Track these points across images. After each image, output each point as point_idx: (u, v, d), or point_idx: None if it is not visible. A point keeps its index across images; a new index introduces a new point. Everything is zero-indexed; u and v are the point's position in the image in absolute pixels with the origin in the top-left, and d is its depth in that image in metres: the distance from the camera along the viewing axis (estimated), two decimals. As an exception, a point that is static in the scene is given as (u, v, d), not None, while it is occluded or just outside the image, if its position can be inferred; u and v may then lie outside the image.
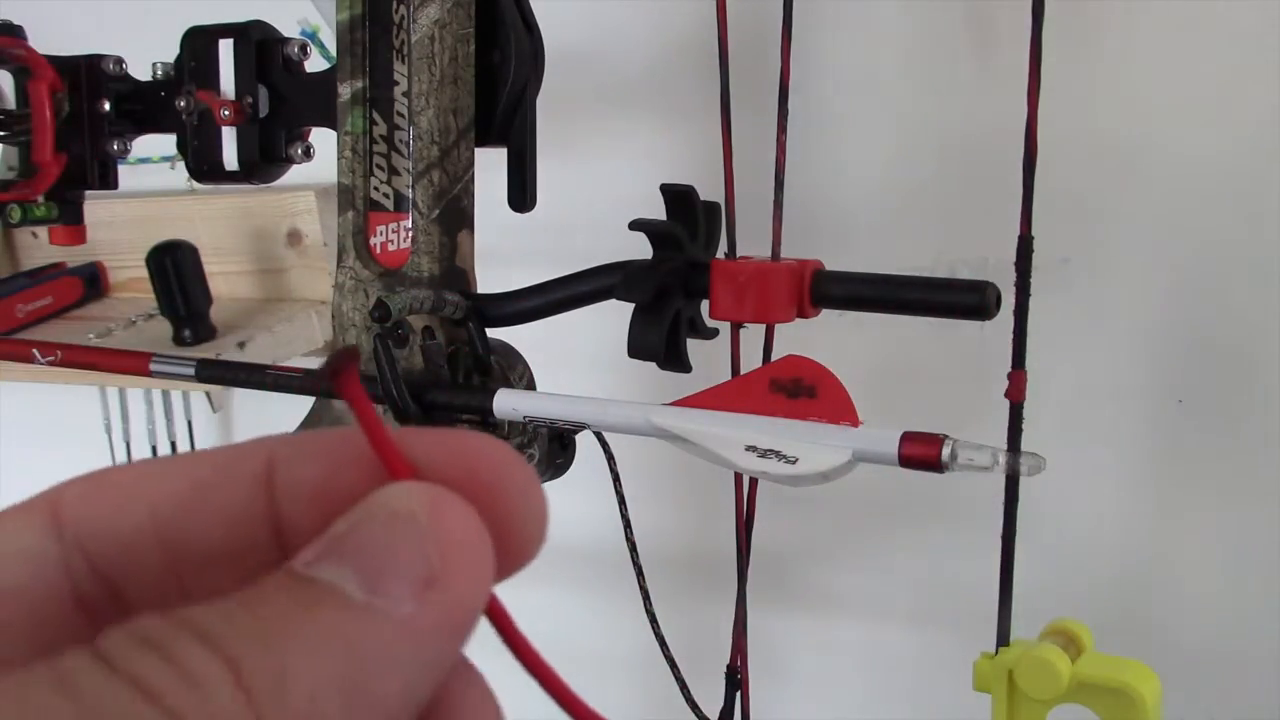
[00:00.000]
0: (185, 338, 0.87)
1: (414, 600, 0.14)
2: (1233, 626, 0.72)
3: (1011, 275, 0.46)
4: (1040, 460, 0.37)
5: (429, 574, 0.14)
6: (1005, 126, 0.48)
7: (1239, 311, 0.69)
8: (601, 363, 0.61)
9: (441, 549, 0.14)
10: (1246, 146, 0.67)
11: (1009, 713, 0.46)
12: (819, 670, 0.87)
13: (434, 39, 0.51)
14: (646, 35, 0.83)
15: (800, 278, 0.44)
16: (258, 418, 1.11)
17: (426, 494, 0.15)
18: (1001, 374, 0.45)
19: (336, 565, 0.14)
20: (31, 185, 0.65)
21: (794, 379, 0.39)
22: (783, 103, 0.50)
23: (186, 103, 0.60)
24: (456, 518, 0.15)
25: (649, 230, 0.45)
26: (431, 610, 0.14)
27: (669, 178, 0.47)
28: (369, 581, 0.14)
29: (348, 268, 0.53)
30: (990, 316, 0.41)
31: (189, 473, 0.16)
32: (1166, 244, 0.70)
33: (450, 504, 0.15)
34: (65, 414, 1.16)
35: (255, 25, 0.59)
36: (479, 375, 0.51)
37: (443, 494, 0.15)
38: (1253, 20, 0.66)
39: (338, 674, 0.13)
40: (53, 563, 0.15)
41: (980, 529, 0.49)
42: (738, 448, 0.39)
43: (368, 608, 0.14)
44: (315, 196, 0.93)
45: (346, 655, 0.13)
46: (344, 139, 0.52)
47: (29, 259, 1.09)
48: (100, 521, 0.16)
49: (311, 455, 0.16)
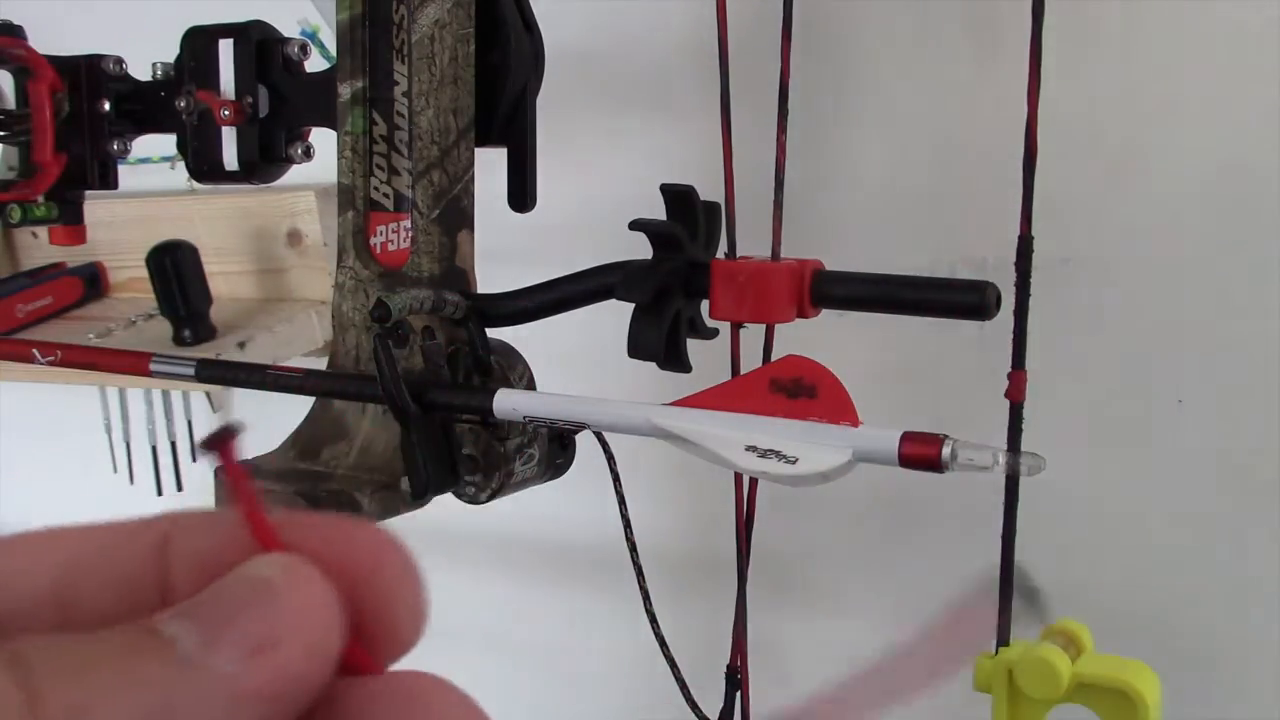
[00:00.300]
0: (185, 338, 0.87)
1: (241, 662, 0.14)
2: (1233, 626, 0.72)
3: (1011, 275, 0.46)
4: (1040, 460, 0.37)
5: (262, 639, 0.14)
6: (1005, 126, 0.48)
7: (1239, 311, 0.69)
8: (601, 363, 0.61)
9: (282, 616, 0.15)
10: (1246, 146, 0.67)
11: (1009, 713, 0.46)
12: (819, 670, 0.87)
13: (434, 39, 0.51)
14: (646, 35, 0.83)
15: (800, 278, 0.44)
16: (258, 418, 1.10)
17: (282, 563, 0.15)
18: (1001, 374, 0.45)
19: (183, 621, 0.15)
20: (31, 185, 0.65)
21: (794, 379, 0.39)
22: (783, 103, 0.50)
23: (186, 103, 0.60)
24: (306, 587, 0.15)
25: (649, 230, 0.45)
26: (256, 674, 0.14)
27: (669, 178, 0.47)
28: (206, 639, 0.14)
29: (348, 268, 0.53)
30: (990, 316, 0.42)
31: (93, 538, 0.17)
32: (1166, 244, 0.70)
33: (303, 574, 0.15)
34: (65, 414, 1.16)
35: (255, 25, 0.59)
36: (479, 375, 0.51)
37: (299, 565, 0.15)
38: (1252, 20, 0.66)
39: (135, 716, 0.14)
40: None
41: (980, 529, 0.49)
42: (738, 448, 0.39)
43: (191, 662, 0.14)
44: (315, 196, 0.93)
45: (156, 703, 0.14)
46: (344, 139, 0.52)
47: (29, 259, 1.09)
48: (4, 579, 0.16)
49: (205, 529, 0.17)
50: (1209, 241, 0.69)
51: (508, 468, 0.51)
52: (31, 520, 0.18)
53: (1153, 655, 0.45)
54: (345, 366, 0.53)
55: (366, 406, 0.53)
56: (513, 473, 0.51)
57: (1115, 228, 0.71)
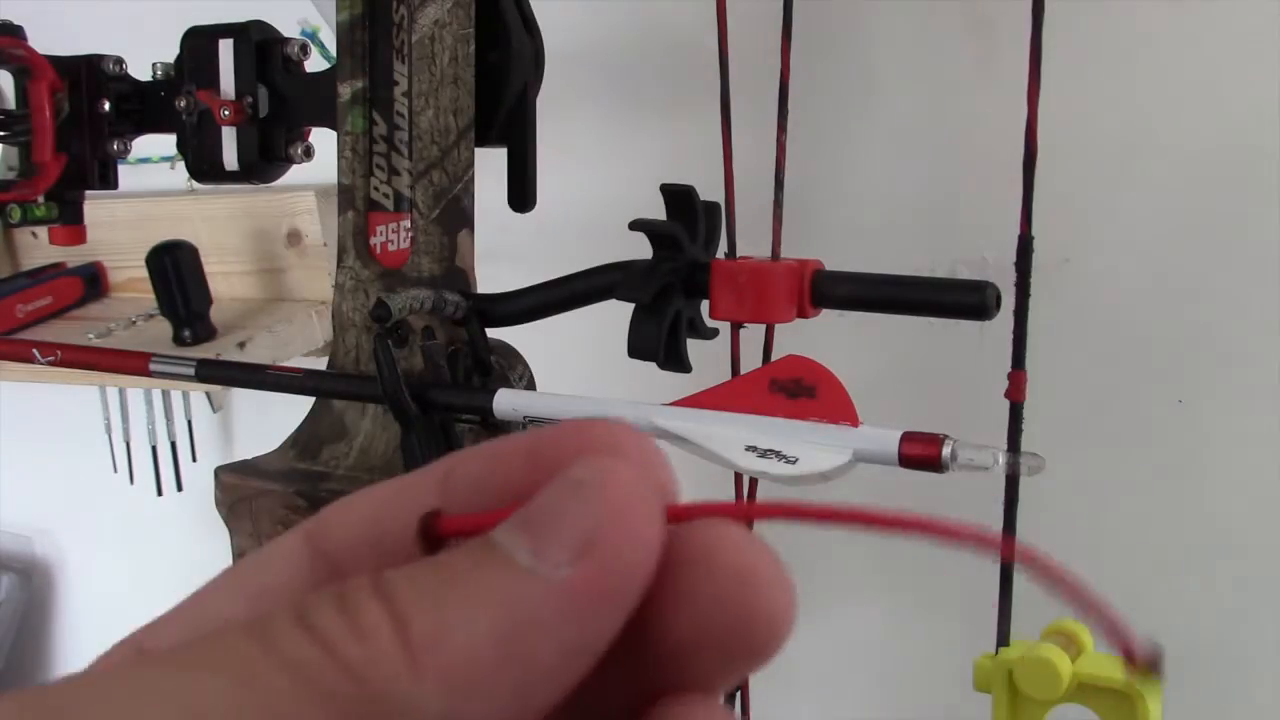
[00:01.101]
0: (185, 338, 0.87)
1: (570, 563, 0.15)
2: (1233, 626, 0.72)
3: (1011, 275, 0.46)
4: (1040, 460, 0.37)
5: (586, 537, 0.15)
6: (1005, 127, 0.48)
7: (1239, 311, 0.69)
8: (601, 363, 0.61)
9: (601, 513, 0.15)
10: (1246, 146, 0.67)
11: (1009, 713, 0.46)
12: (819, 670, 0.87)
13: (434, 39, 0.51)
14: (646, 35, 0.83)
15: (800, 278, 0.44)
16: (258, 418, 1.11)
17: (595, 464, 0.16)
18: (1001, 374, 0.45)
19: (515, 532, 0.15)
20: (31, 185, 0.65)
21: (794, 379, 0.39)
22: (783, 103, 0.50)
23: (186, 103, 0.60)
24: (624, 485, 0.15)
25: (649, 230, 0.45)
26: (583, 575, 0.15)
27: (669, 178, 0.47)
28: (535, 546, 0.15)
29: (348, 268, 0.53)
30: (990, 316, 0.41)
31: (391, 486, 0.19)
32: (1167, 244, 0.70)
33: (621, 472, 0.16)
34: (65, 414, 1.16)
35: (255, 25, 0.59)
36: (479, 375, 0.51)
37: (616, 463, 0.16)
38: (1252, 20, 0.66)
39: (492, 631, 0.14)
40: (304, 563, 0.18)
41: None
42: (738, 448, 0.39)
43: (528, 571, 0.15)
44: (315, 196, 0.93)
45: (502, 614, 0.15)
46: (344, 139, 0.52)
47: (29, 259, 1.09)
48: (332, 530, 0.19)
49: (476, 454, 0.18)
50: (1209, 241, 0.69)
51: (508, 468, 0.51)
52: (32, 520, 0.18)
53: (1153, 655, 0.45)
54: (345, 366, 0.53)
55: (366, 406, 0.53)
56: (513, 473, 0.51)
57: (1115, 228, 0.71)
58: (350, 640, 0.14)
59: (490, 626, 0.15)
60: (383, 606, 0.15)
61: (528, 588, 0.15)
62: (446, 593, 0.15)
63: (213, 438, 1.13)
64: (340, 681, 0.14)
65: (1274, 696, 0.71)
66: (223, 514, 0.53)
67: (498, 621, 0.15)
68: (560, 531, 0.15)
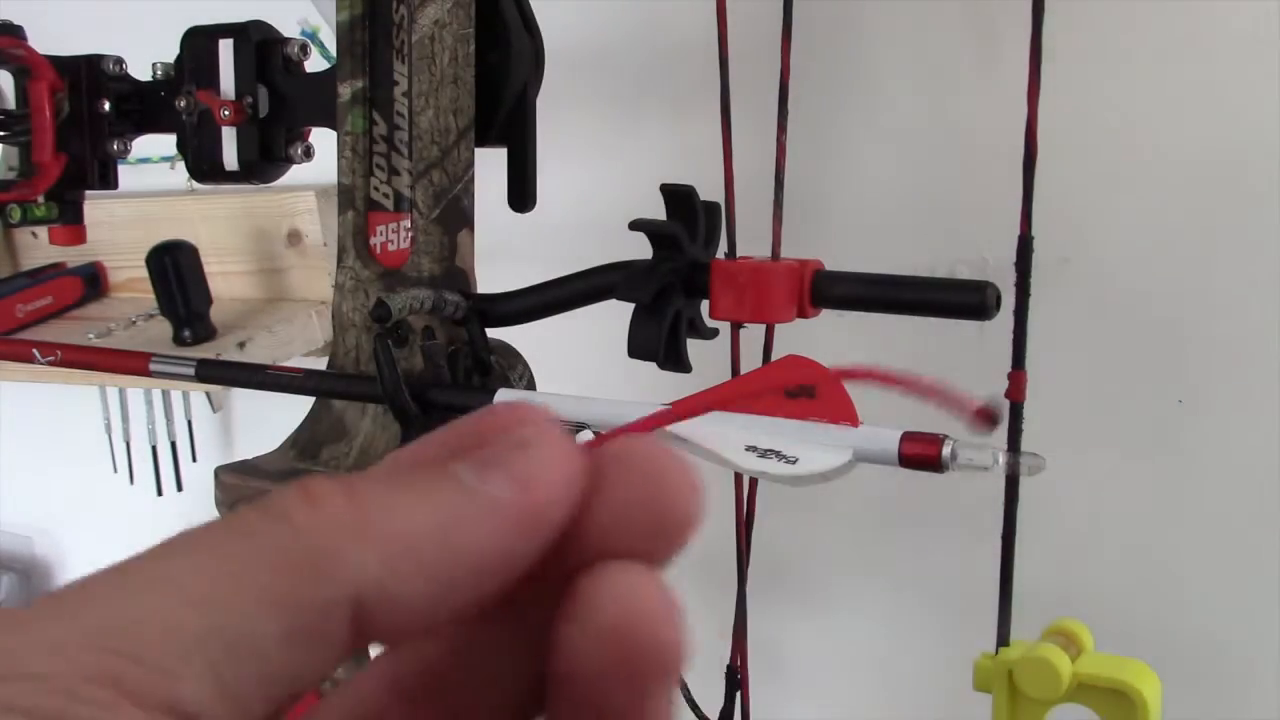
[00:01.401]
0: (185, 338, 0.87)
1: (509, 490, 0.18)
2: (1233, 626, 0.72)
3: (1011, 275, 0.46)
4: (1040, 460, 0.37)
5: (524, 475, 0.18)
6: (1005, 126, 0.48)
7: (1239, 311, 0.69)
8: (601, 363, 0.61)
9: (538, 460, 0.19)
10: (1246, 146, 0.67)
11: (1009, 713, 0.46)
12: (819, 670, 0.87)
13: (434, 39, 0.51)
14: (646, 35, 0.83)
15: (800, 278, 0.44)
16: (258, 418, 1.11)
17: (540, 428, 0.19)
18: (1001, 374, 0.45)
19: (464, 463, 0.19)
20: (31, 185, 0.65)
21: (794, 379, 0.39)
22: (783, 103, 0.50)
23: (186, 103, 0.60)
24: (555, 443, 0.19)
25: (649, 230, 0.45)
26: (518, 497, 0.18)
27: (669, 178, 0.47)
28: (481, 474, 0.18)
29: (348, 268, 0.53)
30: (990, 316, 0.42)
31: None
32: (1166, 244, 0.70)
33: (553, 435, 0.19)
34: (65, 414, 1.16)
35: (255, 25, 0.59)
36: (479, 375, 0.51)
37: (550, 424, 0.19)
38: (1252, 20, 0.66)
39: (433, 521, 0.17)
40: None
41: (980, 529, 0.49)
42: (738, 448, 0.39)
43: (472, 489, 0.18)
44: (315, 196, 0.93)
45: (445, 511, 0.18)
46: (344, 139, 0.52)
47: (29, 259, 1.09)
48: None
49: None
50: (1209, 241, 0.69)
51: (508, 468, 0.51)
52: (32, 520, 0.18)
53: (1153, 655, 0.45)
54: (345, 366, 0.53)
55: (366, 406, 0.53)
56: (513, 473, 0.51)
57: (1115, 228, 0.71)
58: (302, 507, 0.17)
59: (432, 517, 0.17)
60: (339, 485, 0.17)
61: (468, 499, 0.18)
62: (398, 489, 0.18)
63: (213, 438, 1.13)
64: (289, 540, 0.16)
65: (1274, 696, 0.71)
66: (222, 514, 0.53)
67: (440, 515, 0.17)
68: (505, 469, 0.18)
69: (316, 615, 0.16)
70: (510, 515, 0.18)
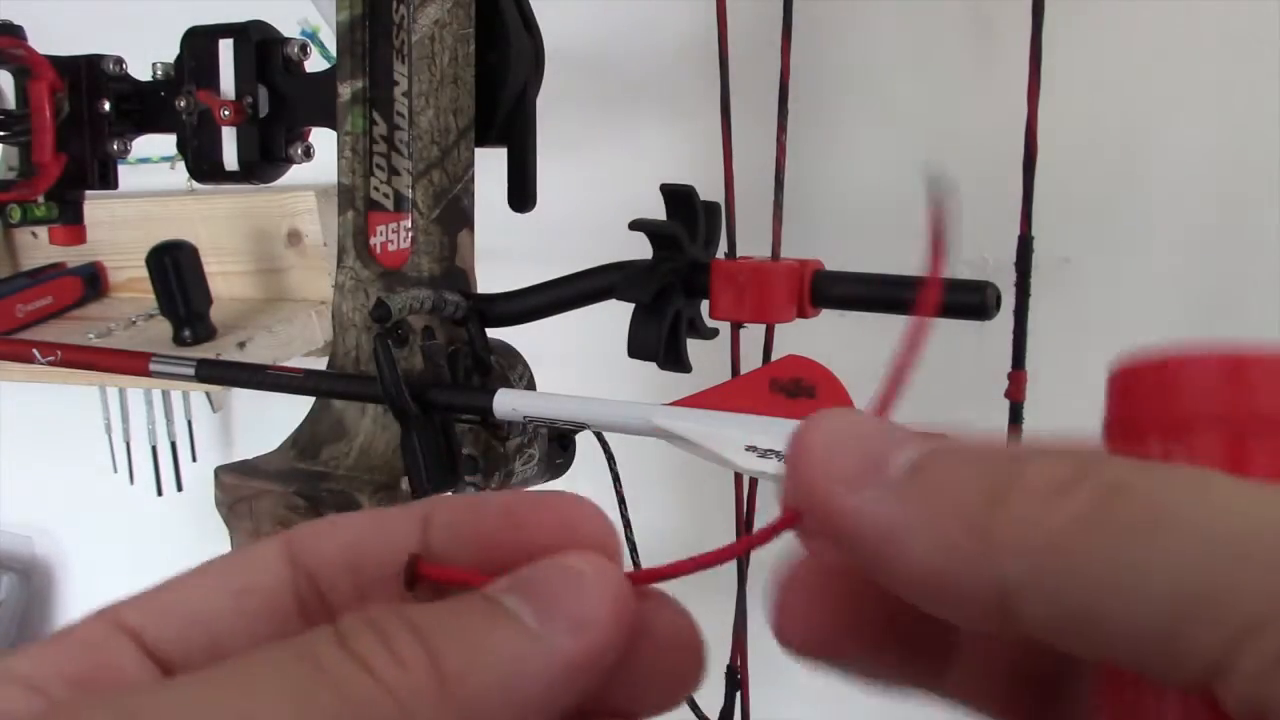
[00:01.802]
0: (185, 338, 0.87)
1: (569, 635, 0.18)
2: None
3: (1011, 275, 0.46)
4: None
5: (583, 618, 0.18)
6: (1005, 126, 0.48)
7: (1239, 311, 0.69)
8: (601, 363, 0.61)
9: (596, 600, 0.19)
10: (1246, 146, 0.67)
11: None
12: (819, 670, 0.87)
13: (434, 39, 0.51)
14: (646, 35, 0.83)
15: (800, 278, 0.44)
16: (258, 418, 1.11)
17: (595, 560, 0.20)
18: (1001, 374, 0.45)
19: (518, 597, 0.19)
20: (31, 185, 0.65)
21: (794, 379, 0.39)
22: (783, 103, 0.50)
23: (186, 103, 0.60)
24: (612, 580, 0.19)
25: (649, 230, 0.45)
26: (580, 645, 0.18)
27: (669, 178, 0.47)
28: (540, 615, 0.18)
29: (348, 268, 0.53)
30: (990, 316, 0.42)
31: (379, 513, 0.22)
32: (1166, 244, 0.70)
33: (610, 570, 0.19)
34: (65, 414, 1.16)
35: (255, 25, 0.59)
36: (479, 375, 0.51)
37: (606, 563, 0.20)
38: (1252, 20, 0.66)
39: (502, 677, 0.17)
40: (284, 571, 0.21)
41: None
42: (738, 448, 0.39)
43: (536, 634, 0.18)
44: (315, 196, 0.93)
45: (511, 665, 0.18)
46: (344, 139, 0.52)
47: (29, 259, 1.09)
48: (311, 546, 0.21)
49: (456, 502, 0.21)
50: (1208, 241, 0.69)
51: (508, 468, 0.51)
52: (32, 520, 0.18)
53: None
54: (345, 366, 0.53)
55: (366, 406, 0.53)
56: (513, 473, 0.51)
57: (1115, 228, 0.71)
58: (391, 666, 0.17)
59: (501, 674, 0.17)
60: (417, 641, 0.17)
61: (533, 648, 0.18)
62: (468, 640, 0.18)
63: (213, 438, 1.13)
64: (383, 702, 0.17)
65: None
66: (223, 514, 0.53)
67: (507, 670, 0.18)
68: (562, 609, 0.18)
69: None
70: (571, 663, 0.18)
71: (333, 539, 0.21)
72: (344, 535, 0.21)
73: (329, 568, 0.21)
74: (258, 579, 0.20)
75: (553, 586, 0.19)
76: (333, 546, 0.21)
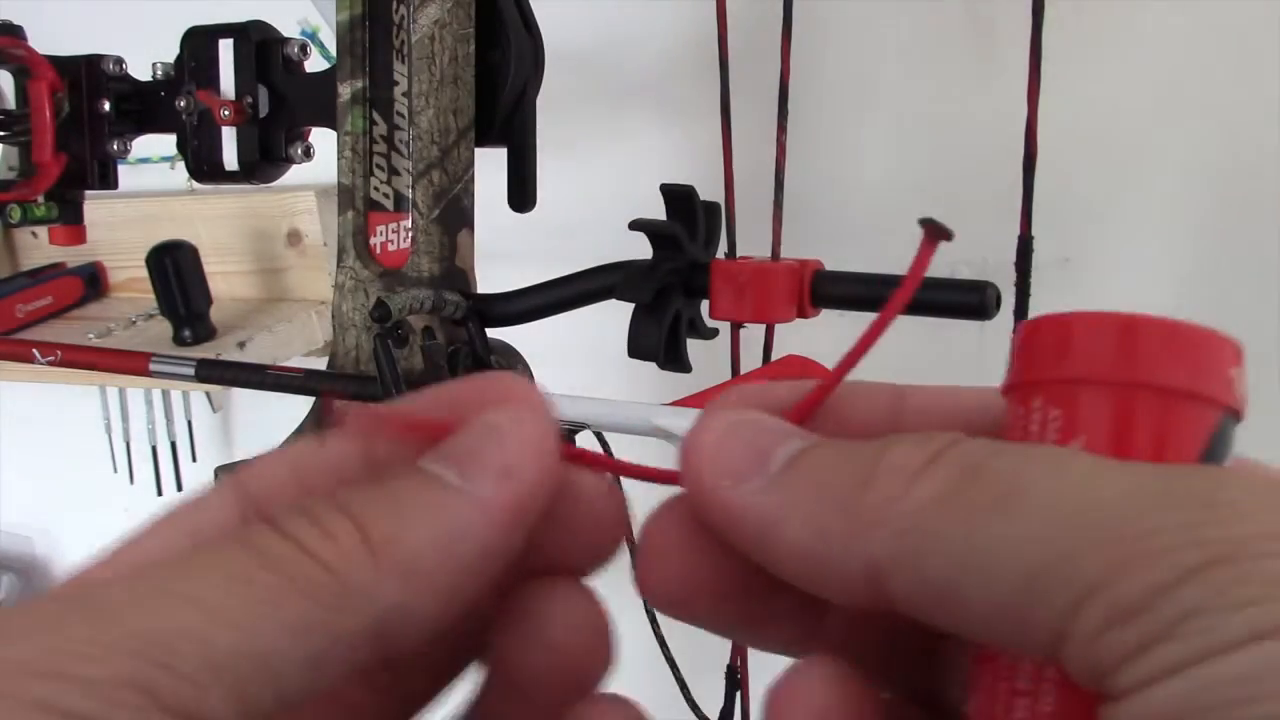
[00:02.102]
0: (185, 338, 0.87)
1: (492, 484, 0.19)
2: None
3: (1011, 275, 0.46)
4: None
5: (504, 465, 0.19)
6: (1005, 127, 0.48)
7: (1239, 311, 0.69)
8: (601, 363, 0.61)
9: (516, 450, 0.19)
10: (1246, 146, 0.67)
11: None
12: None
13: (434, 39, 0.51)
14: (646, 35, 0.83)
15: (800, 278, 0.44)
16: (258, 418, 1.11)
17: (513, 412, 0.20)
18: (1001, 374, 0.45)
19: (441, 461, 0.19)
20: (31, 185, 0.65)
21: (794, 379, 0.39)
22: (783, 103, 0.50)
23: (186, 103, 0.60)
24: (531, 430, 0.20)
25: (649, 230, 0.45)
26: (504, 491, 0.19)
27: (669, 178, 0.47)
28: (462, 472, 0.19)
29: (348, 268, 0.53)
30: (990, 316, 0.42)
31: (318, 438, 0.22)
32: (1167, 244, 0.70)
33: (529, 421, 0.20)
34: (65, 414, 1.16)
35: (255, 25, 0.59)
36: (479, 375, 0.51)
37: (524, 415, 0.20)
38: (1252, 20, 0.66)
39: (433, 535, 0.18)
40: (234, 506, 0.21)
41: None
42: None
43: (459, 489, 0.19)
44: (315, 196, 0.93)
45: (440, 523, 0.18)
46: (344, 139, 0.52)
47: (29, 259, 1.09)
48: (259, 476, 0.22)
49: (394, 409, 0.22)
50: (1209, 241, 0.69)
51: (508, 468, 0.51)
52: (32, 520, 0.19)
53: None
54: (345, 366, 0.53)
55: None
56: (513, 473, 0.51)
57: (1115, 228, 0.71)
58: (322, 542, 0.18)
59: (432, 532, 0.18)
60: (344, 516, 0.18)
61: (459, 502, 0.18)
62: (395, 506, 0.18)
63: (213, 438, 1.13)
64: (318, 574, 0.17)
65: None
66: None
67: (438, 528, 0.18)
68: (483, 461, 0.19)
69: (343, 644, 0.17)
70: (498, 510, 0.19)
71: (276, 466, 0.22)
72: (288, 457, 0.22)
73: (276, 491, 0.21)
74: (210, 516, 0.21)
75: (474, 443, 0.19)
76: (278, 470, 0.22)
